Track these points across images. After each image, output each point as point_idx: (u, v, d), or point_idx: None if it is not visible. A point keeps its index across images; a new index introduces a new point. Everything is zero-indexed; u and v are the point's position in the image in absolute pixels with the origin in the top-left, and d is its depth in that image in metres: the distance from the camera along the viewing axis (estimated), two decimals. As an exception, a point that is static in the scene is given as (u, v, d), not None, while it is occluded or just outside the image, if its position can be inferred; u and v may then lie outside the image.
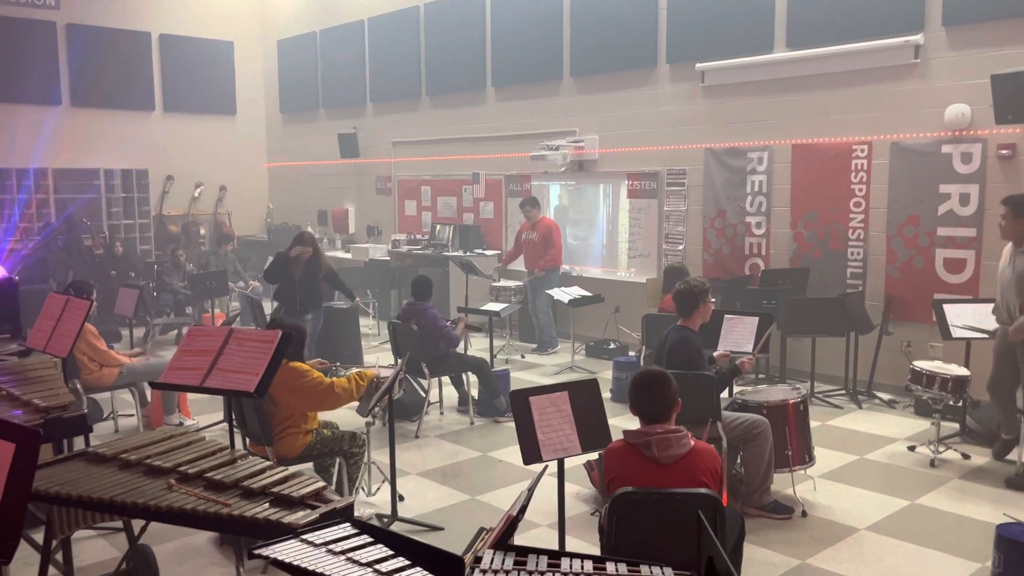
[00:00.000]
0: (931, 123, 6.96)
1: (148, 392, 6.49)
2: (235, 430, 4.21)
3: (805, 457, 4.94)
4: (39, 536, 3.48)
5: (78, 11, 12.35)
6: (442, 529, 4.59)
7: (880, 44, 7.17)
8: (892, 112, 7.20)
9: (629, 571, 2.32)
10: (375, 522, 4.50)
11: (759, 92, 8.06)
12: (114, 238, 11.92)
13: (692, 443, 3.17)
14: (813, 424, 5.46)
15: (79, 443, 3.82)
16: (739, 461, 4.87)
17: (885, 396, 7.15)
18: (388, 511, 4.70)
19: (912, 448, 5.85)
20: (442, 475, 5.51)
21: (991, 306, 5.95)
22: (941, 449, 5.65)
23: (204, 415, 6.85)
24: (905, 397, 6.89)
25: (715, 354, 5.15)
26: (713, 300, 5.04)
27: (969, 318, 6.00)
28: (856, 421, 6.59)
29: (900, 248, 7.24)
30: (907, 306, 7.19)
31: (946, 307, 6.08)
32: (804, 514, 4.74)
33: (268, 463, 3.14)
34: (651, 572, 2.33)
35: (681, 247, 8.83)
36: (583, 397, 3.52)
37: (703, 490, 2.98)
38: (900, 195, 7.20)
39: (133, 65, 12.94)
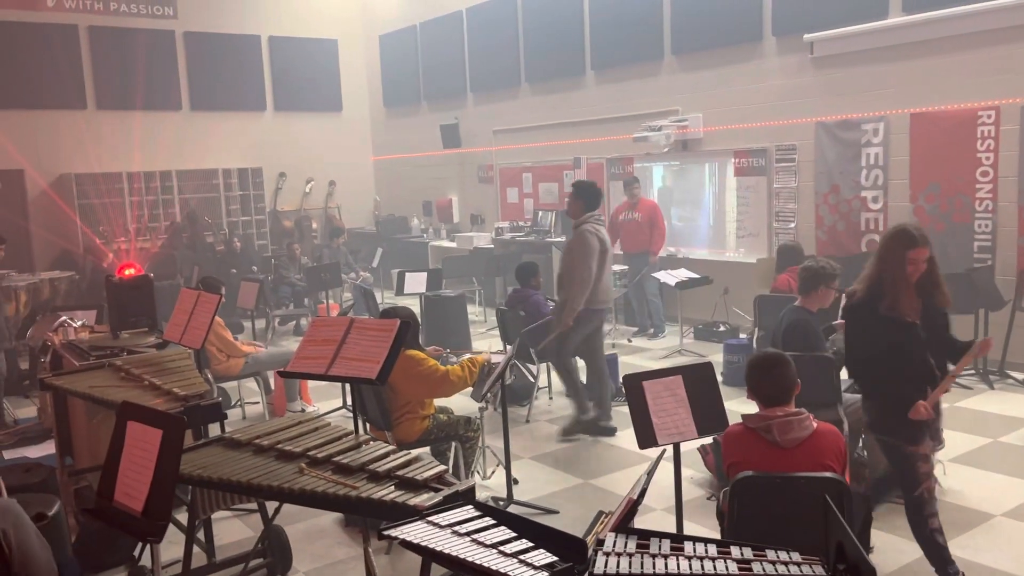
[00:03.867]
0: (1067, 83, 6.50)
1: (272, 380, 6.80)
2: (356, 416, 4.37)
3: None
4: (182, 517, 3.72)
5: (193, 19, 12.98)
6: (557, 512, 4.64)
7: (1005, 2, 6.72)
8: (1021, 74, 6.75)
9: (755, 555, 2.30)
10: (492, 505, 4.60)
11: (872, 61, 7.70)
12: (233, 234, 12.51)
13: (815, 425, 3.09)
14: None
15: (214, 430, 4.05)
16: (861, 444, 4.71)
17: (1019, 376, 6.75)
18: (503, 494, 4.79)
19: (1051, 430, 5.52)
20: (554, 459, 5.56)
21: None
22: (1084, 431, 5.31)
23: (323, 402, 7.13)
24: (1042, 377, 6.50)
25: (837, 322, 4.97)
26: (838, 290, 4.88)
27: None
28: (988, 402, 6.26)
29: (1033, 218, 6.81)
30: (1042, 280, 6.76)
31: (1087, 280, 5.69)
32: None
33: (391, 447, 3.25)
34: (778, 556, 2.29)
35: (793, 225, 8.57)
36: (697, 381, 3.48)
37: (828, 474, 2.91)
38: (1032, 162, 6.76)
39: (245, 68, 13.52)
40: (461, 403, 6.00)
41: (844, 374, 4.86)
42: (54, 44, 11.92)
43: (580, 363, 6.22)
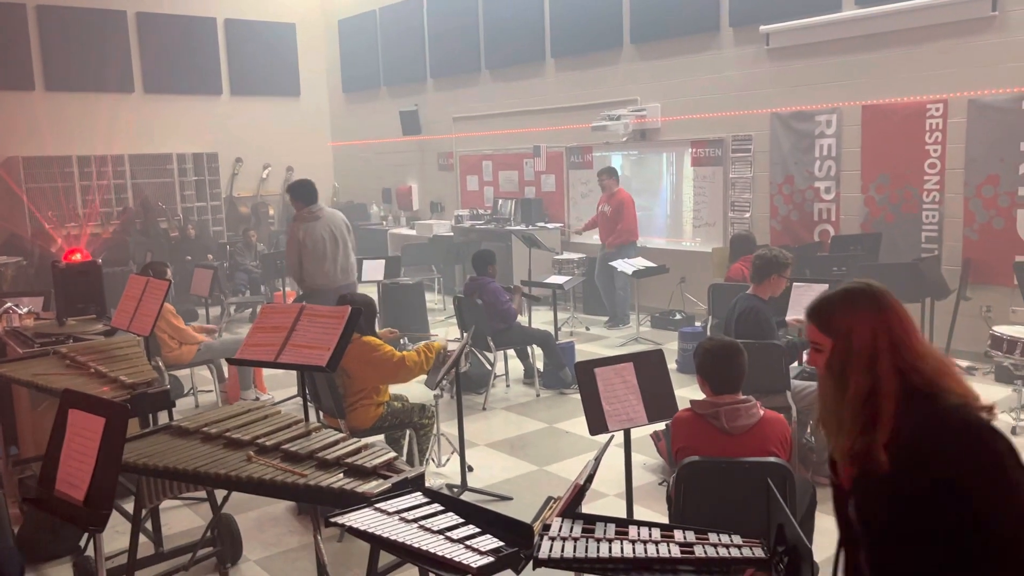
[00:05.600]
0: (1011, 78, 6.65)
1: (225, 368, 6.72)
2: (309, 404, 4.35)
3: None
4: (129, 506, 3.67)
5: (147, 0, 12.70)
6: (511, 499, 4.66)
7: (956, -3, 6.87)
8: (968, 68, 6.90)
9: (697, 538, 2.33)
10: (445, 492, 4.60)
11: (826, 53, 7.81)
12: (188, 221, 12.30)
13: (762, 413, 3.15)
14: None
15: (163, 418, 3.99)
16: (809, 431, 4.80)
17: (964, 363, 6.93)
18: (457, 481, 4.80)
19: (992, 416, 5.66)
20: (509, 446, 5.59)
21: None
22: (1023, 416, 5.47)
23: (279, 390, 7.07)
24: (985, 364, 6.67)
25: (787, 318, 5.07)
26: (789, 279, 4.97)
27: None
28: (932, 389, 6.41)
29: (978, 209, 6.97)
30: (986, 269, 6.93)
31: (1028, 270, 5.85)
32: (878, 483, 4.65)
33: (341, 435, 3.23)
34: (719, 539, 2.34)
35: (748, 215, 8.68)
36: (649, 368, 3.52)
37: (772, 459, 2.97)
38: (978, 154, 6.92)
39: (201, 51, 13.26)
40: (416, 390, 5.99)
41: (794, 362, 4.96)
42: (2, 24, 11.57)
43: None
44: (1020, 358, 5.39)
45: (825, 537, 4.01)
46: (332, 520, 2.52)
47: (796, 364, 5.04)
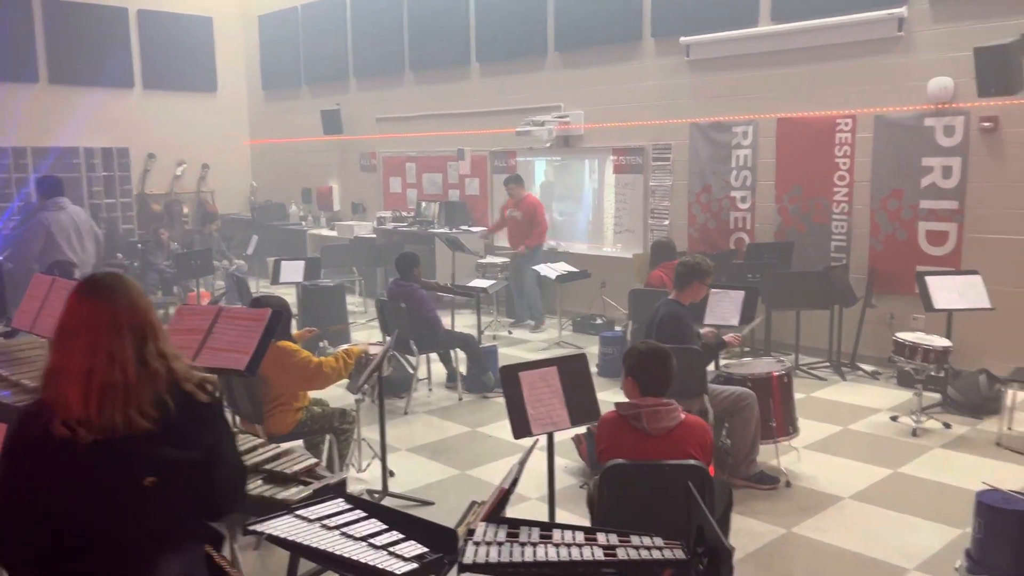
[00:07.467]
0: (915, 96, 6.99)
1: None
2: (225, 409, 4.22)
3: (789, 428, 5.01)
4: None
5: (54, -14, 12.15)
6: (432, 504, 4.63)
7: (864, 17, 7.17)
8: (876, 85, 7.23)
9: (620, 541, 2.36)
10: (366, 497, 4.54)
11: (744, 66, 8.05)
12: (97, 217, 11.79)
13: (682, 416, 3.21)
14: (798, 396, 5.54)
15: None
16: (725, 433, 4.93)
17: (868, 368, 7.24)
18: (379, 487, 4.74)
19: (894, 418, 5.94)
20: (431, 451, 5.55)
21: (975, 278, 6.04)
22: (923, 419, 5.74)
23: (192, 394, 6.83)
24: (888, 368, 6.98)
25: (702, 331, 5.19)
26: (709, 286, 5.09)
27: (952, 290, 6.07)
28: (840, 392, 6.68)
29: (884, 221, 7.30)
30: (890, 278, 7.26)
31: (928, 279, 6.14)
32: (788, 484, 4.81)
33: (260, 441, 3.15)
34: (641, 541, 2.37)
35: (667, 222, 8.86)
36: (572, 372, 3.55)
37: (692, 461, 3.03)
38: (884, 168, 7.24)
39: (111, 41, 12.74)
40: (337, 395, 5.90)
41: (711, 366, 5.09)
42: None
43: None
44: (921, 363, 5.66)
45: (740, 537, 4.13)
46: (250, 528, 2.45)
47: (712, 368, 5.17)
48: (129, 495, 1.94)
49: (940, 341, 5.73)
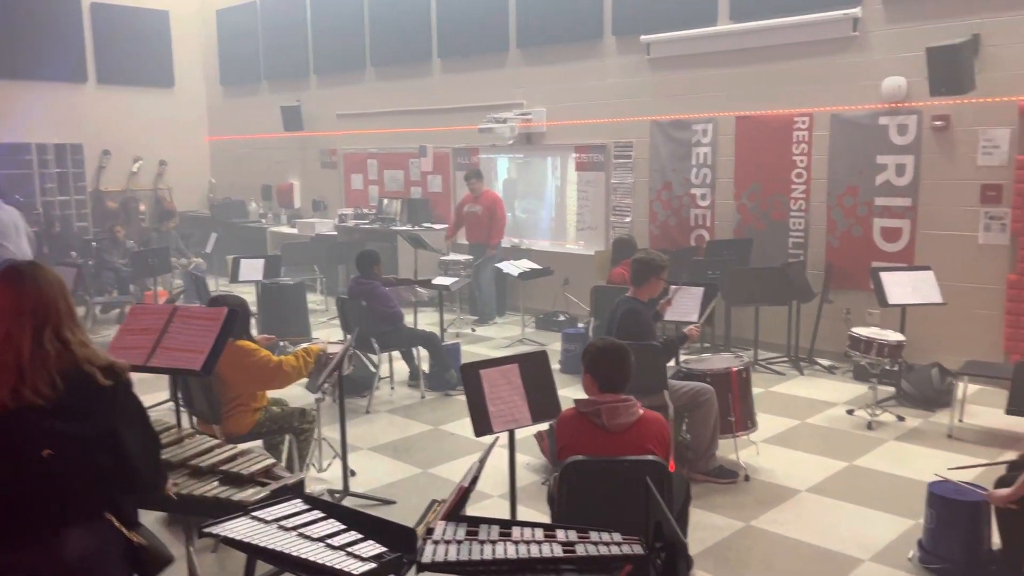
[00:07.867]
0: (869, 95, 7.12)
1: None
2: (182, 409, 4.16)
3: (748, 423, 5.07)
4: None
5: (3, -22, 11.83)
6: (394, 503, 4.61)
7: (820, 17, 7.28)
8: (831, 84, 7.34)
9: (579, 537, 2.37)
10: (327, 498, 4.50)
11: (703, 65, 8.13)
12: (50, 215, 11.54)
13: (641, 412, 3.23)
14: (756, 391, 5.61)
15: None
16: (685, 428, 4.98)
17: (825, 362, 7.36)
18: (340, 486, 4.70)
19: (850, 412, 6.04)
20: (393, 449, 5.52)
21: (927, 273, 6.17)
22: (878, 412, 5.85)
23: (149, 394, 6.71)
24: (844, 363, 7.10)
25: (685, 330, 5.19)
26: (666, 282, 5.11)
27: (906, 285, 6.19)
28: (798, 387, 6.78)
29: (839, 218, 7.42)
30: (846, 274, 7.39)
31: (883, 275, 6.26)
32: (747, 478, 4.88)
33: (216, 441, 3.11)
34: (600, 538, 2.38)
35: (628, 219, 8.91)
36: (533, 369, 3.56)
37: (650, 457, 3.05)
38: (839, 166, 7.36)
39: (63, 34, 12.44)
40: (296, 394, 5.84)
41: (671, 361, 5.13)
42: None
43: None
44: (875, 357, 5.77)
45: (699, 531, 4.18)
46: (206, 531, 2.42)
47: (672, 363, 5.21)
48: (25, 466, 2.11)
49: (894, 336, 5.84)
